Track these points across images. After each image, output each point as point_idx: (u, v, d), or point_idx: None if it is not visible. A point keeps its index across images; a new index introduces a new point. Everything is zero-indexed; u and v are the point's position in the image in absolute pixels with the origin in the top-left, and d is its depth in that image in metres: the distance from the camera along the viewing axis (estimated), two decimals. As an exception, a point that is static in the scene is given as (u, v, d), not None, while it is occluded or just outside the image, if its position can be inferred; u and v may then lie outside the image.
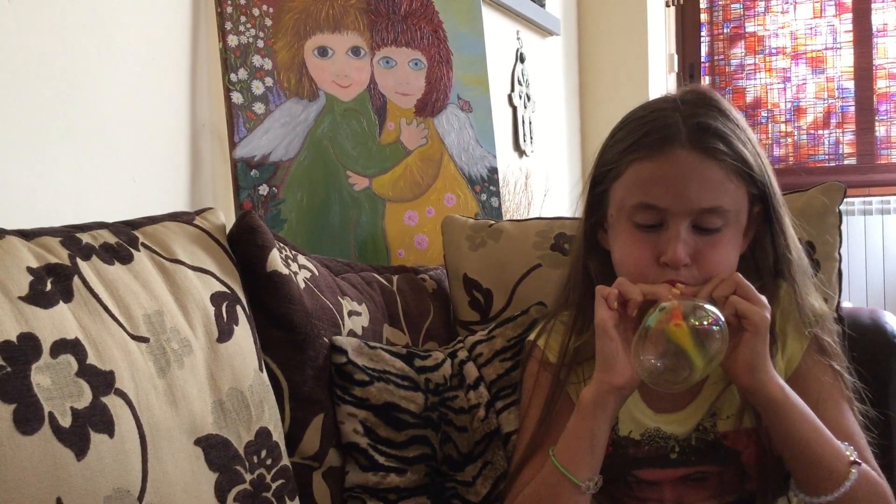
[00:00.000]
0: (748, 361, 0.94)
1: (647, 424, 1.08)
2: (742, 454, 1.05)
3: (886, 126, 3.46)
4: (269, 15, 1.52)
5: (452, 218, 1.48)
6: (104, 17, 1.27)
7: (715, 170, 0.99)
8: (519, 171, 2.41)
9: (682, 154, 1.00)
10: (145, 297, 0.94)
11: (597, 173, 1.09)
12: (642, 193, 1.01)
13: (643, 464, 1.07)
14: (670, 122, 1.01)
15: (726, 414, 1.06)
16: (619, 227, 1.05)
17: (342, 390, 1.13)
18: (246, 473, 0.97)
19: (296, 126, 1.53)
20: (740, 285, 0.96)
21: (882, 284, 3.23)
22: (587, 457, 0.98)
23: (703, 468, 1.06)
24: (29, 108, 1.15)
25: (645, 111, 1.06)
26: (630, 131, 1.05)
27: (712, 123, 1.01)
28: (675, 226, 1.00)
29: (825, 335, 1.05)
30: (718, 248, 1.01)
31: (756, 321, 0.93)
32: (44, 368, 0.79)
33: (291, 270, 1.14)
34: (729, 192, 1.00)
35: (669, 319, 0.93)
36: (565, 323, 1.14)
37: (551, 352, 1.13)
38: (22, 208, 1.14)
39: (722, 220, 1.00)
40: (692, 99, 1.04)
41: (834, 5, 3.50)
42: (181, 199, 1.41)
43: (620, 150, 1.05)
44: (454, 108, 1.77)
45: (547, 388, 1.11)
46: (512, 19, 2.57)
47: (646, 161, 1.01)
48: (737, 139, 1.01)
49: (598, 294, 0.99)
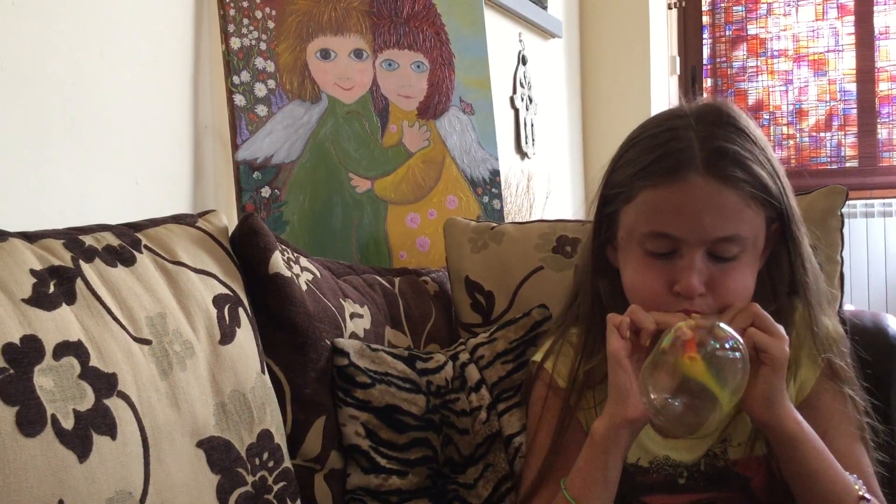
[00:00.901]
0: (766, 396, 0.91)
1: (656, 452, 1.06)
2: (752, 480, 1.03)
3: (888, 128, 3.46)
4: (271, 17, 1.52)
5: (454, 220, 1.48)
6: (107, 19, 1.27)
7: (732, 198, 0.95)
8: (521, 173, 2.41)
9: (697, 181, 0.95)
10: (148, 299, 0.94)
11: (605, 194, 1.05)
12: (655, 222, 0.97)
13: (651, 490, 1.05)
14: (684, 145, 0.96)
15: (737, 441, 1.04)
16: (630, 252, 1.01)
17: (344, 392, 1.14)
18: (248, 475, 0.97)
19: (298, 128, 1.53)
20: (758, 316, 0.92)
21: (884, 287, 3.23)
22: (600, 491, 0.95)
23: (712, 494, 1.04)
24: (32, 109, 1.15)
25: (657, 128, 1.01)
26: (641, 152, 1.00)
27: (730, 147, 0.96)
28: (689, 255, 0.96)
29: (838, 359, 1.02)
30: (734, 276, 0.97)
31: (776, 355, 0.90)
32: (46, 370, 0.80)
33: (293, 273, 1.14)
34: (746, 220, 0.96)
35: (683, 351, 0.87)
36: (574, 345, 1.11)
37: (560, 376, 1.10)
38: (25, 210, 1.14)
39: (738, 248, 0.96)
40: (708, 117, 0.99)
41: (836, 8, 3.50)
42: (184, 202, 1.41)
43: (631, 173, 1.00)
44: (456, 110, 1.77)
45: (556, 414, 1.07)
46: (514, 21, 2.58)
47: (659, 188, 0.97)
48: (756, 162, 0.96)
49: (610, 323, 0.95)
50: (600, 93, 3.16)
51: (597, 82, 3.18)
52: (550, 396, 1.10)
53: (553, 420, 1.08)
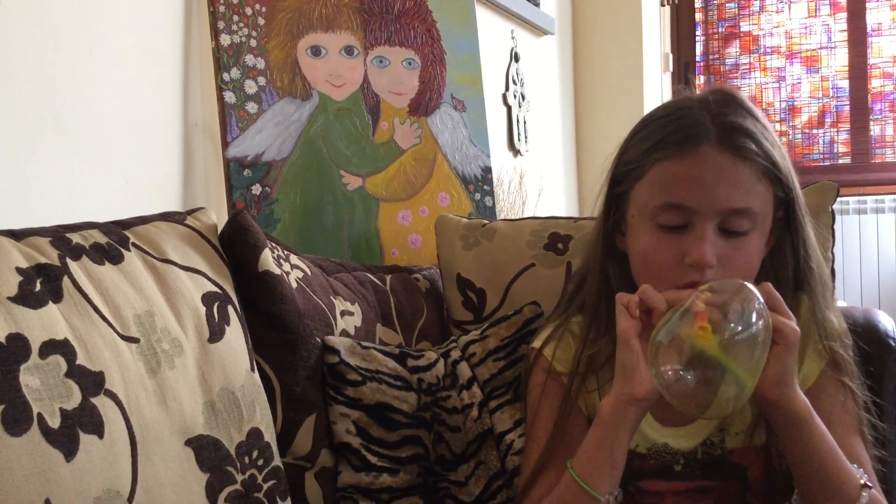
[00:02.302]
0: (777, 375, 0.90)
1: (655, 439, 1.05)
2: (749, 470, 1.03)
3: (881, 125, 3.46)
4: (261, 14, 1.52)
5: (446, 217, 1.47)
6: (96, 16, 1.26)
7: (745, 170, 0.97)
8: (513, 170, 2.41)
9: (711, 153, 0.96)
10: (136, 297, 0.94)
11: (616, 173, 1.06)
12: (668, 193, 0.98)
13: (647, 475, 1.05)
14: (697, 119, 0.99)
15: (736, 430, 1.04)
16: (641, 228, 1.02)
17: (335, 390, 1.13)
18: (237, 474, 0.97)
19: (289, 125, 1.53)
20: (771, 296, 0.91)
21: (876, 284, 3.24)
22: (607, 469, 0.95)
23: (708, 483, 1.04)
24: (20, 107, 1.15)
25: (669, 110, 1.03)
26: (654, 130, 1.02)
27: (742, 123, 0.98)
28: (701, 226, 0.96)
29: (842, 351, 1.03)
30: (744, 252, 0.97)
31: (787, 334, 0.89)
32: (32, 369, 0.79)
33: (283, 270, 1.13)
34: (758, 194, 0.98)
35: (694, 322, 0.85)
36: (574, 333, 1.11)
37: (559, 362, 1.10)
38: (13, 208, 1.14)
39: (750, 223, 0.97)
40: (718, 98, 1.01)
41: (828, 5, 3.50)
42: (174, 199, 1.40)
43: (644, 149, 1.01)
44: (448, 107, 1.77)
45: (557, 400, 1.07)
46: (506, 18, 2.57)
47: (673, 160, 0.98)
48: (766, 140, 0.99)
49: (619, 302, 0.95)
50: (593, 90, 3.16)
51: (590, 79, 3.18)
52: (549, 382, 1.09)
53: (553, 406, 1.07)
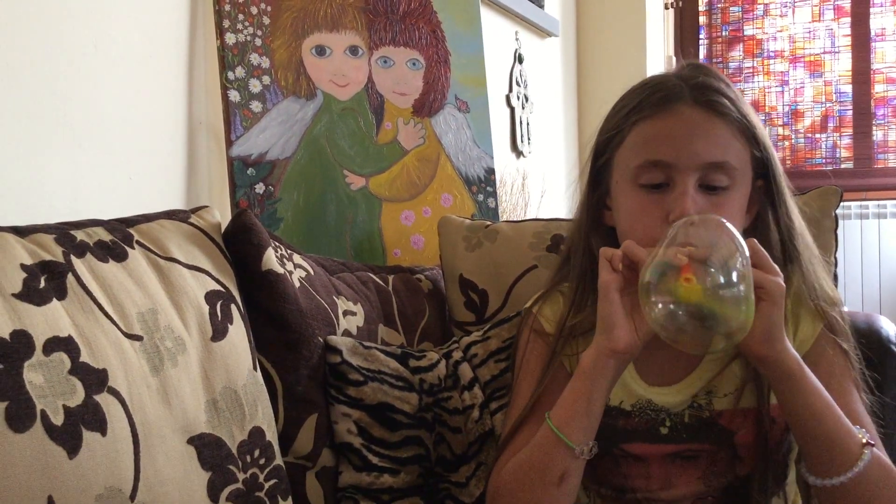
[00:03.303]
0: (765, 331, 0.89)
1: (640, 394, 1.06)
2: (736, 435, 1.03)
3: (884, 130, 3.46)
4: (267, 13, 1.52)
5: (449, 218, 1.48)
6: (101, 13, 1.27)
7: (720, 125, 0.99)
8: (516, 171, 2.41)
9: (686, 110, 1.00)
10: (139, 295, 0.94)
11: (598, 142, 1.08)
12: (648, 151, 1.00)
13: (632, 437, 1.06)
14: (673, 83, 1.02)
15: (723, 392, 1.04)
16: (624, 192, 1.04)
17: (336, 390, 1.13)
18: (239, 473, 0.97)
19: (293, 125, 1.53)
20: (755, 252, 0.91)
21: (878, 289, 3.24)
22: (583, 420, 0.96)
23: (694, 446, 1.04)
24: (25, 104, 1.15)
25: (646, 80, 1.07)
26: (632, 97, 1.05)
27: (715, 84, 1.02)
28: (682, 182, 0.98)
29: (836, 315, 1.03)
30: (725, 210, 0.98)
31: (772, 290, 0.89)
32: (36, 366, 0.79)
33: (286, 269, 1.13)
34: (735, 150, 1.00)
35: (678, 275, 0.85)
36: (564, 293, 1.12)
37: (546, 320, 1.12)
38: (17, 205, 1.14)
39: (729, 179, 0.99)
40: (692, 68, 1.05)
41: (832, 9, 3.50)
42: (177, 197, 1.40)
43: (623, 114, 1.04)
44: (452, 108, 1.77)
45: (540, 357, 1.10)
46: (510, 20, 2.57)
47: (650, 119, 1.01)
48: (740, 101, 1.02)
49: (602, 256, 0.96)
50: (596, 92, 3.16)
51: (593, 81, 3.18)
52: (534, 339, 1.12)
53: (536, 362, 1.10)
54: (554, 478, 0.96)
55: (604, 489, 1.09)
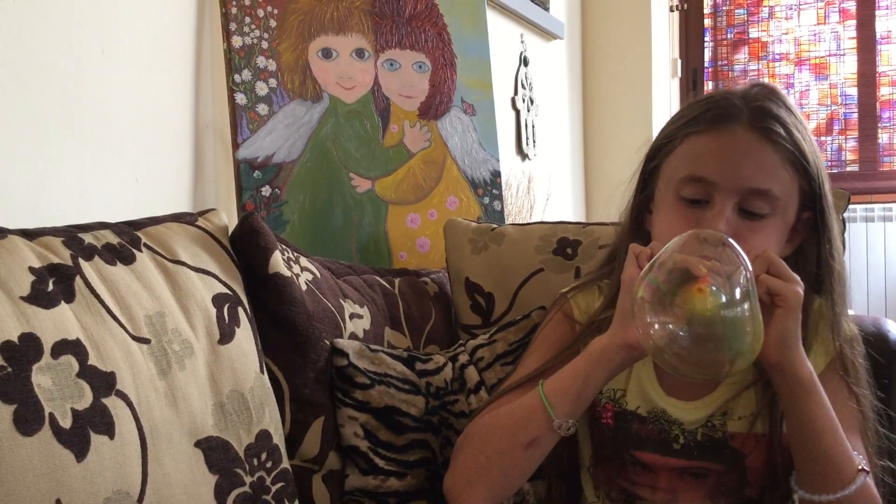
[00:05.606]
0: (780, 338, 0.91)
1: (655, 402, 1.07)
2: (747, 458, 1.03)
3: (889, 133, 3.45)
4: (273, 16, 1.52)
5: (455, 221, 1.48)
6: (109, 17, 1.27)
7: (770, 152, 0.99)
8: (522, 174, 2.41)
9: (739, 132, 1.00)
10: (147, 298, 0.94)
11: (652, 147, 1.09)
12: (693, 166, 1.01)
13: (644, 445, 1.06)
14: (733, 102, 1.02)
15: (739, 415, 1.04)
16: (665, 201, 1.04)
17: (343, 393, 1.13)
18: (246, 476, 0.97)
19: (299, 127, 1.53)
20: (773, 262, 0.93)
21: (884, 292, 3.23)
22: (573, 398, 0.97)
23: (705, 464, 1.04)
24: (32, 106, 1.15)
25: (709, 94, 1.08)
26: (691, 109, 1.06)
27: (775, 110, 1.01)
28: (721, 203, 0.98)
29: (850, 355, 1.03)
30: (760, 236, 0.98)
31: (789, 298, 0.90)
32: (45, 369, 0.79)
33: (293, 272, 1.13)
34: (781, 180, 0.99)
35: (693, 283, 0.85)
36: (601, 288, 1.14)
37: (577, 308, 1.14)
38: (25, 208, 1.14)
39: (769, 207, 0.99)
40: (759, 89, 1.05)
41: (838, 12, 3.49)
42: (184, 200, 1.40)
43: (680, 124, 1.05)
44: (458, 111, 1.77)
45: (560, 338, 1.11)
46: (516, 23, 2.57)
47: (702, 135, 1.02)
48: (797, 131, 1.01)
49: (631, 251, 0.97)
50: (602, 95, 3.16)
51: (598, 84, 3.17)
52: (561, 320, 1.13)
53: (554, 340, 1.11)
54: (524, 440, 0.98)
55: (613, 492, 1.09)
